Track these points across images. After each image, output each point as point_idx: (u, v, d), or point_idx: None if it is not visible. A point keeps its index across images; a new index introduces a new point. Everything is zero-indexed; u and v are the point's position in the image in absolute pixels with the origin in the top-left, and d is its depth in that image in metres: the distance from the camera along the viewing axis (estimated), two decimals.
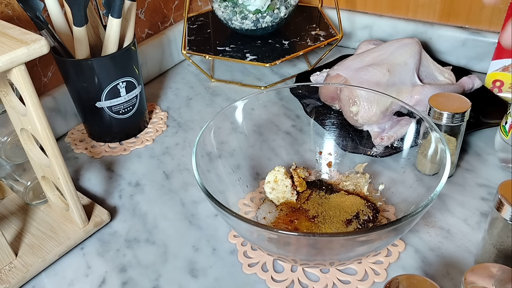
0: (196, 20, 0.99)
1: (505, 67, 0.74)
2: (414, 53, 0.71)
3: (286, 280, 0.51)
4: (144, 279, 0.52)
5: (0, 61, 0.42)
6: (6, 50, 0.43)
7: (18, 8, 0.67)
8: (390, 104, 0.64)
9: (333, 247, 0.46)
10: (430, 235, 0.55)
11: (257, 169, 0.62)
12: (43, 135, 0.49)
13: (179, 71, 0.95)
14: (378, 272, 0.51)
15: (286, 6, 0.86)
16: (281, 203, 0.59)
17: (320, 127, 0.67)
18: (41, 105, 0.47)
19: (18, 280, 0.51)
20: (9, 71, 0.44)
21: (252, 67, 0.94)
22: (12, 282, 0.51)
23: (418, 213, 0.43)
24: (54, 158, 0.51)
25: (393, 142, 0.64)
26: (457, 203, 0.59)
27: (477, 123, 0.70)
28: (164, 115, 0.81)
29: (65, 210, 0.57)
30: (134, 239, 0.58)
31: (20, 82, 0.45)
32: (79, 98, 0.70)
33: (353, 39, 0.98)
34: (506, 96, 0.76)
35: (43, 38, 0.45)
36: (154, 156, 0.72)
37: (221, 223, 0.59)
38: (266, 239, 0.46)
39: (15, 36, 0.45)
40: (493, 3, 0.46)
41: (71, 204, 0.55)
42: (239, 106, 0.60)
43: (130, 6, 0.68)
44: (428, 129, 0.54)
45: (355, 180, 0.61)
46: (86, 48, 0.65)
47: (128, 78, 0.69)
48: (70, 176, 0.53)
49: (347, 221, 0.55)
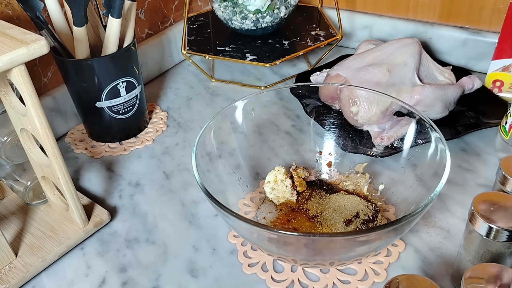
0: (196, 20, 0.99)
1: (505, 67, 0.74)
2: (414, 53, 0.71)
3: (286, 280, 0.51)
4: (144, 279, 0.52)
5: (0, 61, 0.42)
6: (6, 50, 0.43)
7: (18, 8, 0.67)
8: (390, 104, 0.64)
9: (333, 247, 0.46)
10: (430, 235, 0.55)
11: (257, 169, 0.62)
12: (43, 135, 0.49)
13: (179, 71, 0.95)
14: (378, 272, 0.51)
15: (286, 6, 0.86)
16: (281, 203, 0.59)
17: (320, 127, 0.67)
18: (41, 105, 0.47)
19: (18, 280, 0.51)
20: (9, 71, 0.44)
21: (252, 67, 0.94)
22: (12, 282, 0.51)
23: (418, 213, 0.43)
24: (54, 158, 0.51)
25: (393, 142, 0.64)
26: (457, 203, 0.59)
27: (477, 123, 0.70)
28: (164, 115, 0.81)
29: (65, 210, 0.57)
30: (134, 239, 0.58)
31: (20, 82, 0.45)
32: (79, 98, 0.70)
33: (353, 39, 0.98)
34: (506, 96, 0.76)
35: (43, 38, 0.45)
36: (154, 156, 0.72)
37: (221, 223, 0.59)
38: (266, 239, 0.46)
39: (15, 36, 0.45)
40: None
41: (71, 204, 0.55)
42: (239, 106, 0.60)
43: (130, 6, 0.68)
44: (428, 129, 0.54)
45: (355, 180, 0.61)
46: (86, 48, 0.65)
47: (128, 78, 0.69)
48: (70, 176, 0.53)
49: (347, 221, 0.55)
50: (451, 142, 0.68)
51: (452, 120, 0.71)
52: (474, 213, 0.43)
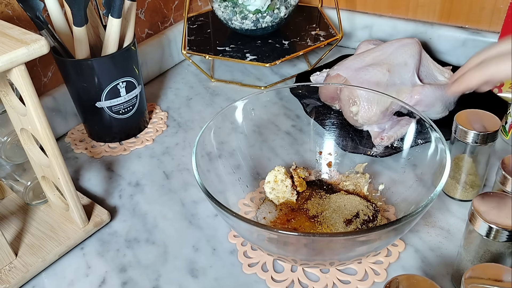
0: (196, 20, 0.99)
1: None
2: (414, 53, 0.71)
3: (286, 280, 0.51)
4: (144, 279, 0.52)
5: (0, 61, 0.42)
6: (6, 50, 0.43)
7: (18, 8, 0.67)
8: (390, 104, 0.64)
9: (333, 247, 0.46)
10: (430, 235, 0.55)
11: (257, 169, 0.62)
12: (43, 135, 0.49)
13: (179, 71, 0.95)
14: (378, 272, 0.51)
15: (286, 6, 0.86)
16: (281, 203, 0.59)
17: (320, 127, 0.67)
18: (41, 105, 0.47)
19: (18, 280, 0.51)
20: (9, 71, 0.44)
21: (252, 67, 0.94)
22: (12, 282, 0.51)
23: (418, 213, 0.43)
24: (54, 158, 0.51)
25: (393, 142, 0.64)
26: (457, 203, 0.59)
27: None
28: (164, 115, 0.81)
29: (65, 210, 0.57)
30: (134, 239, 0.58)
31: (20, 82, 0.45)
32: (79, 98, 0.70)
33: (353, 39, 0.98)
34: (506, 96, 0.76)
35: (43, 38, 0.45)
36: (154, 156, 0.72)
37: (221, 223, 0.59)
38: (266, 239, 0.46)
39: (15, 36, 0.45)
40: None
41: (71, 204, 0.55)
42: (239, 106, 0.60)
43: (130, 6, 0.68)
44: (428, 129, 0.54)
45: (355, 180, 0.61)
46: (86, 48, 0.65)
47: (128, 78, 0.69)
48: (70, 176, 0.53)
49: (347, 221, 0.55)
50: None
51: (452, 120, 0.70)
52: (474, 213, 0.43)
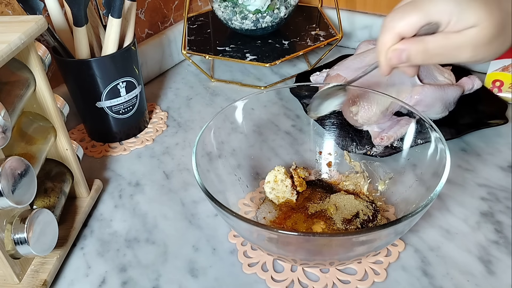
0: (196, 20, 0.99)
1: (505, 67, 0.74)
2: None
3: (286, 280, 0.51)
4: (144, 279, 0.52)
5: (24, 35, 0.44)
6: (19, 29, 0.45)
7: (18, 8, 0.67)
8: (390, 104, 0.64)
9: (333, 247, 0.46)
10: (430, 235, 0.55)
11: (257, 169, 0.62)
12: (52, 107, 0.54)
13: (179, 71, 0.95)
14: (378, 272, 0.51)
15: (286, 6, 0.86)
16: (281, 203, 0.59)
17: (320, 127, 0.67)
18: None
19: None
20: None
21: (252, 67, 0.94)
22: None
23: (418, 213, 0.43)
24: (62, 129, 0.57)
25: (393, 142, 0.64)
26: (457, 203, 0.59)
27: (477, 123, 0.70)
28: (164, 115, 0.81)
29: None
30: (134, 239, 0.58)
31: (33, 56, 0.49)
32: (79, 98, 0.70)
33: (353, 39, 0.98)
34: (506, 96, 0.76)
35: (40, 16, 0.47)
36: (154, 156, 0.72)
37: (221, 223, 0.59)
38: (266, 239, 0.46)
39: (15, 21, 0.47)
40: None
41: (78, 176, 0.59)
42: (239, 106, 0.60)
43: (130, 6, 0.68)
44: (428, 129, 0.54)
45: (355, 180, 0.61)
46: (86, 48, 0.65)
47: (128, 78, 0.69)
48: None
49: (347, 221, 0.55)
50: (451, 142, 0.68)
51: (452, 120, 0.71)
52: None
